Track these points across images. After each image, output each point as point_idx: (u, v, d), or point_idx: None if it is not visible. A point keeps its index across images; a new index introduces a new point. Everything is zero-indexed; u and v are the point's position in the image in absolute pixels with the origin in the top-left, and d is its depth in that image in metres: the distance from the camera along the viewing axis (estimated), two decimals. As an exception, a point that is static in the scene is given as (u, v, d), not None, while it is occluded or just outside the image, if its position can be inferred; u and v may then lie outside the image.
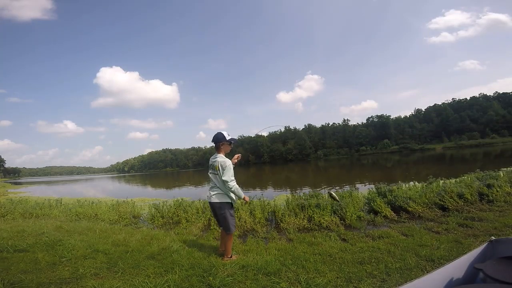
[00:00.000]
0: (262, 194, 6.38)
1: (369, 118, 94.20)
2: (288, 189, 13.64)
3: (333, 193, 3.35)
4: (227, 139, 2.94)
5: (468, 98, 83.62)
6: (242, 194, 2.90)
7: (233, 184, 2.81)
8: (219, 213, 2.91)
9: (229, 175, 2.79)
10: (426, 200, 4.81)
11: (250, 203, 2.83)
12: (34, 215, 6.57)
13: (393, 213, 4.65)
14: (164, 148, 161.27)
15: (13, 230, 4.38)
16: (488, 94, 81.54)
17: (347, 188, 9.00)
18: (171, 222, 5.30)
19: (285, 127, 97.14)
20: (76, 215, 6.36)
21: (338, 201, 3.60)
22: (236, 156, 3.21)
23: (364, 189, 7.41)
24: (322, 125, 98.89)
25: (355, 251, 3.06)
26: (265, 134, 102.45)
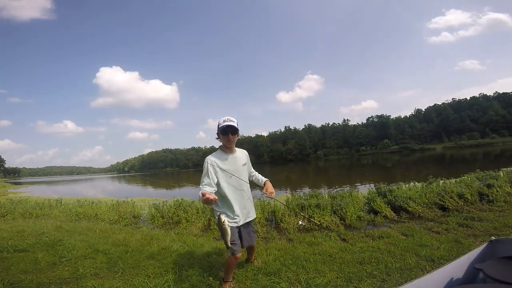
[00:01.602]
0: (262, 194, 6.38)
1: (369, 118, 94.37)
2: (288, 189, 13.63)
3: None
4: (219, 126, 2.14)
5: (468, 98, 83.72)
6: (199, 194, 1.95)
7: (200, 188, 2.04)
8: None
9: (202, 178, 2.12)
10: (426, 200, 4.80)
11: (203, 199, 1.87)
12: (34, 215, 6.57)
13: (393, 213, 4.64)
14: (164, 148, 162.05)
15: (13, 230, 4.38)
16: (488, 94, 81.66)
17: (347, 188, 8.99)
18: (171, 222, 5.30)
19: (285, 127, 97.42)
20: (76, 215, 6.36)
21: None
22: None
23: (364, 189, 7.40)
24: (322, 125, 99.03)
25: (355, 251, 3.05)
26: (265, 134, 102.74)
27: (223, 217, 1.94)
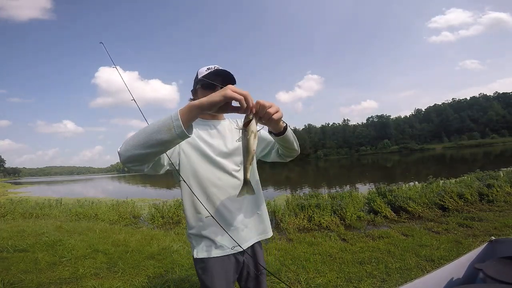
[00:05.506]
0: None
1: (369, 118, 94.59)
2: (288, 189, 13.62)
3: None
4: (198, 78, 1.09)
5: (468, 98, 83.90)
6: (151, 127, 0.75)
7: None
8: None
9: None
10: (426, 200, 4.80)
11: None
12: (34, 215, 6.57)
13: (393, 213, 4.65)
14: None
15: (13, 230, 4.38)
16: (488, 94, 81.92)
17: (347, 188, 9.00)
18: (171, 222, 5.30)
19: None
20: (76, 215, 6.36)
21: None
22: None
23: (364, 189, 7.41)
24: (322, 125, 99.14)
25: (355, 251, 3.05)
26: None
27: None
